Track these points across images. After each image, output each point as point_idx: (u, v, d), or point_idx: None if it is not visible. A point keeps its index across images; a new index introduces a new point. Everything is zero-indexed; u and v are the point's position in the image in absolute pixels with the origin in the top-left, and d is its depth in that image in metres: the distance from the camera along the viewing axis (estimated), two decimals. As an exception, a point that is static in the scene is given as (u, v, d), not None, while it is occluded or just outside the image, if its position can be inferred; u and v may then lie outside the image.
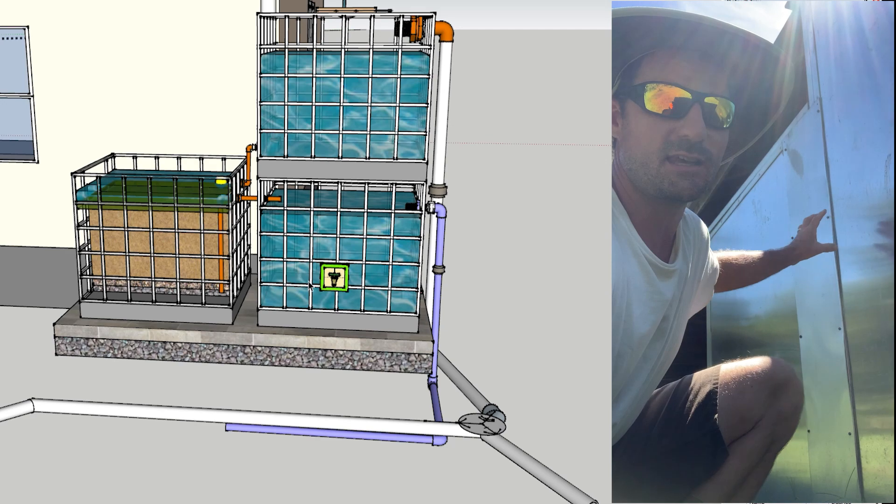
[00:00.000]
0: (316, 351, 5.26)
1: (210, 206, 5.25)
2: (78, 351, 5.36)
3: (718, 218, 6.57)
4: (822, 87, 4.21)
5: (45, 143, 6.08)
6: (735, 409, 2.46)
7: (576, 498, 3.78)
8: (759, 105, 2.42)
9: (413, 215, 5.18)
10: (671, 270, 2.44)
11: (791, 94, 2.59)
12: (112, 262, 5.48)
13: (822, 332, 4.04)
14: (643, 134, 2.24)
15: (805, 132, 4.44)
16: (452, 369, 5.22)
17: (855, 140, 3.76)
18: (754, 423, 2.46)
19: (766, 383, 2.46)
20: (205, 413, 4.52)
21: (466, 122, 16.58)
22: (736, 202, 5.98)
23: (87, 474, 4.01)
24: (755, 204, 5.54)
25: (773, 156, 5.13)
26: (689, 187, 2.24)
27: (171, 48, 5.88)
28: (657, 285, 2.38)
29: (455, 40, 4.94)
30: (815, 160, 4.25)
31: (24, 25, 5.89)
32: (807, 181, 4.40)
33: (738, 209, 5.93)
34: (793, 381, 2.48)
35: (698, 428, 2.47)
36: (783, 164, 4.82)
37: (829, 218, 3.95)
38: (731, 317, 6.02)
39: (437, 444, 4.35)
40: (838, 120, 3.99)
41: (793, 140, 4.66)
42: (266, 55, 5.00)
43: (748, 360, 2.58)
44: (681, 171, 2.22)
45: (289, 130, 5.08)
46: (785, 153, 4.79)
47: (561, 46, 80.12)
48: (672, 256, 2.48)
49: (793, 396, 2.47)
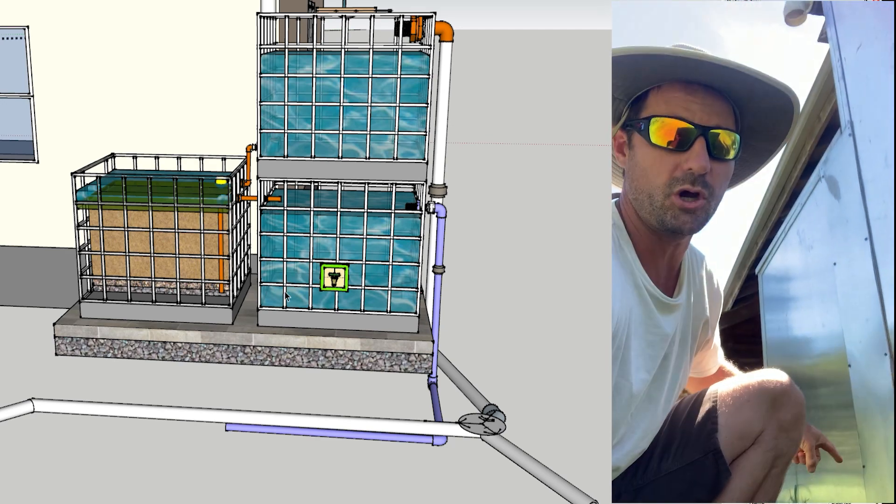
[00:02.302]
0: (316, 351, 5.26)
1: (210, 206, 5.25)
2: (78, 351, 5.36)
3: (768, 253, 6.62)
4: (853, 110, 4.24)
5: (45, 143, 6.08)
6: (734, 425, 2.42)
7: (576, 498, 3.78)
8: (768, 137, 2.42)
9: (413, 215, 5.18)
10: (674, 305, 2.43)
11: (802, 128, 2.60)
12: (112, 262, 5.48)
13: (869, 361, 4.00)
14: (649, 167, 2.28)
15: (840, 157, 4.49)
16: (452, 369, 5.22)
17: (885, 158, 3.80)
18: (755, 438, 2.42)
19: (764, 396, 2.42)
20: (205, 413, 4.51)
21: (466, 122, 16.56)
22: (782, 235, 6.02)
23: (87, 474, 4.01)
24: (799, 234, 5.60)
25: (812, 185, 5.21)
26: (690, 221, 2.27)
27: (171, 48, 5.88)
28: (656, 318, 2.37)
29: (455, 40, 4.93)
30: (850, 183, 4.28)
31: (24, 25, 5.89)
32: (844, 205, 4.42)
33: (785, 240, 5.98)
34: (791, 392, 2.44)
35: (699, 448, 2.44)
36: (822, 191, 4.85)
37: (868, 240, 3.93)
38: (787, 356, 6.01)
39: (437, 444, 4.35)
40: (869, 140, 4.04)
41: (829, 166, 4.71)
42: (266, 55, 5.00)
43: (744, 375, 2.55)
44: (683, 206, 2.25)
45: (289, 130, 5.08)
46: (823, 180, 4.83)
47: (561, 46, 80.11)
48: (676, 291, 2.48)
49: (793, 407, 2.43)
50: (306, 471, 4.08)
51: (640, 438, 2.42)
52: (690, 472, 2.45)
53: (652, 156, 2.28)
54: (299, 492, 3.90)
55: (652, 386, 2.39)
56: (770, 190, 6.22)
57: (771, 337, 6.52)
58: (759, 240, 7.01)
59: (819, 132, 5.15)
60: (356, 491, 3.92)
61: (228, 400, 4.79)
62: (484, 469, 4.12)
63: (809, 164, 5.37)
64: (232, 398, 4.83)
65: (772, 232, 6.60)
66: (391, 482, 4.00)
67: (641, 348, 2.32)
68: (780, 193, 6.20)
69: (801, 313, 5.65)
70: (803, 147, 5.46)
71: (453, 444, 4.37)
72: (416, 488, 3.95)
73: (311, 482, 3.98)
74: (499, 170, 13.59)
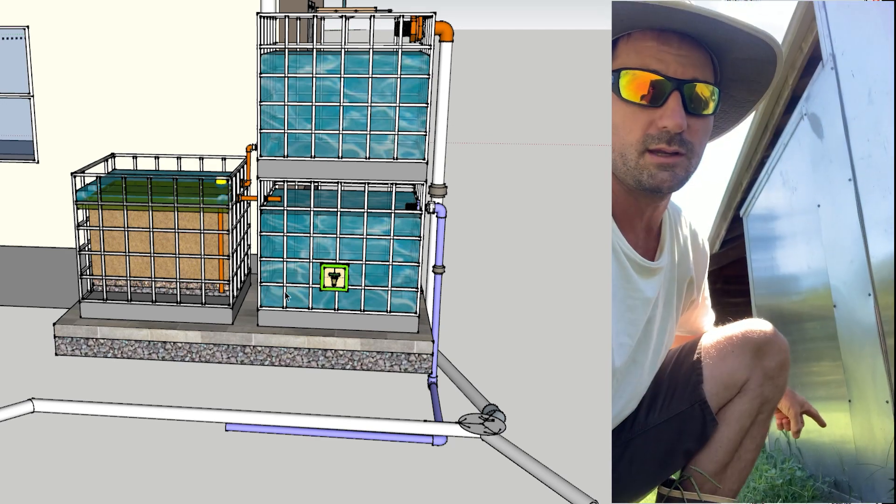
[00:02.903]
0: (316, 351, 5.26)
1: (210, 206, 5.25)
2: (78, 351, 5.36)
3: (752, 194, 6.52)
4: (835, 42, 4.09)
5: (45, 143, 6.08)
6: (719, 375, 2.42)
7: (576, 498, 3.78)
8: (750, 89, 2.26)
9: (413, 215, 5.18)
10: (655, 269, 2.36)
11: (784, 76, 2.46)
12: (112, 262, 5.48)
13: (854, 301, 4.00)
14: (620, 124, 2.14)
15: (822, 93, 4.34)
16: (452, 369, 5.22)
17: (870, 94, 3.67)
18: (740, 387, 2.42)
19: (748, 345, 2.42)
20: (205, 413, 4.51)
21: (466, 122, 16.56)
22: (766, 176, 5.91)
23: (87, 474, 4.01)
24: (783, 175, 5.47)
25: (794, 123, 5.04)
26: (668, 178, 2.14)
27: (171, 48, 5.88)
28: (636, 283, 2.31)
29: (455, 40, 4.93)
30: (833, 120, 4.15)
31: (24, 25, 5.89)
32: (827, 144, 4.31)
33: (769, 182, 5.86)
34: (775, 340, 2.42)
35: (685, 400, 2.44)
36: (804, 129, 4.72)
37: (852, 181, 3.87)
38: (775, 294, 5.97)
39: (437, 444, 4.35)
40: (852, 75, 3.89)
41: (811, 103, 4.56)
42: (266, 55, 5.00)
43: (727, 326, 2.54)
44: (660, 163, 2.12)
45: (289, 130, 5.08)
46: (805, 118, 4.69)
47: (561, 46, 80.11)
48: (658, 254, 2.41)
49: (777, 354, 2.42)
50: (306, 471, 4.08)
51: (627, 402, 2.42)
52: (678, 423, 2.45)
53: (623, 112, 2.12)
54: (299, 492, 3.90)
55: (637, 350, 2.37)
56: (752, 129, 6.03)
57: (758, 276, 6.52)
58: (743, 181, 6.84)
59: (801, 64, 4.84)
60: (356, 491, 3.92)
61: (228, 400, 4.79)
62: (484, 469, 4.12)
63: (792, 99, 5.07)
64: (232, 398, 4.83)
65: (756, 172, 6.46)
66: (391, 482, 4.00)
67: (621, 313, 2.28)
68: (762, 132, 5.96)
69: (786, 252, 5.62)
70: (785, 81, 5.11)
71: (453, 444, 4.37)
72: (416, 488, 3.95)
73: (311, 482, 3.98)
74: (499, 170, 13.59)
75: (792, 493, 4.45)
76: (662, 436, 2.47)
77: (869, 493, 4.00)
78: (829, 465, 4.58)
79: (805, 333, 5.05)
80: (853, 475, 4.22)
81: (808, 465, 4.90)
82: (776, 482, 4.55)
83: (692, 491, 2.47)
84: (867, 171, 3.75)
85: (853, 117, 3.89)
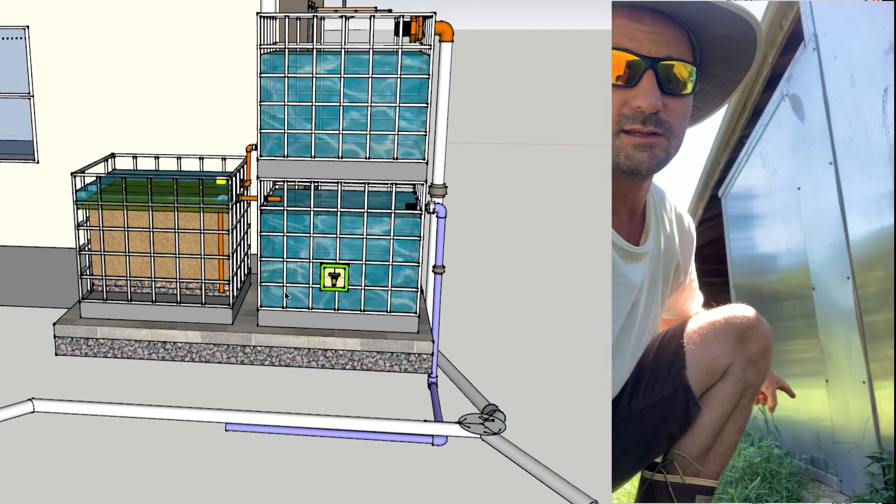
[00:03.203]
0: (316, 351, 5.26)
1: (210, 206, 5.25)
2: (78, 351, 5.36)
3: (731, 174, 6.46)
4: (817, 22, 4.05)
5: (45, 143, 6.08)
6: (702, 361, 2.42)
7: (576, 498, 3.78)
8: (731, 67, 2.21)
9: (413, 215, 5.18)
10: (640, 254, 2.36)
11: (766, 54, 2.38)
12: (112, 262, 5.48)
13: (832, 283, 4.01)
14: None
15: (803, 74, 4.30)
16: (452, 369, 5.22)
17: (851, 76, 3.64)
18: (723, 372, 2.42)
19: (731, 331, 2.41)
20: (205, 413, 4.51)
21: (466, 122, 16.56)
22: (745, 156, 5.86)
23: (87, 474, 4.01)
24: (763, 156, 5.43)
25: (775, 103, 4.99)
26: (646, 160, 2.10)
27: (171, 48, 5.88)
28: (620, 268, 2.30)
29: (455, 40, 4.93)
30: (814, 102, 4.11)
31: (24, 25, 5.89)
32: (808, 126, 4.27)
33: (748, 163, 5.81)
34: (757, 325, 2.43)
35: (668, 385, 2.45)
36: (785, 110, 4.67)
37: (832, 164, 3.85)
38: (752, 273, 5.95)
39: (437, 444, 4.35)
40: (834, 56, 3.85)
41: (792, 84, 4.51)
42: (266, 55, 5.00)
43: (710, 312, 2.54)
44: (636, 143, 2.08)
45: (289, 130, 5.08)
46: (786, 99, 4.65)
47: (561, 46, 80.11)
48: (643, 238, 2.40)
49: (760, 340, 2.42)
50: (306, 471, 4.08)
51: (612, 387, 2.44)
52: (661, 408, 2.46)
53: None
54: (299, 492, 3.90)
55: (620, 335, 2.37)
56: (731, 107, 5.95)
57: (736, 255, 6.51)
58: (720, 159, 6.75)
59: (781, 42, 4.77)
60: (356, 491, 3.92)
61: (228, 400, 4.79)
62: (484, 469, 4.12)
63: (772, 77, 5.01)
64: (232, 398, 4.83)
65: (734, 151, 6.39)
66: (391, 482, 4.00)
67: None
68: (741, 110, 5.87)
69: (764, 231, 5.60)
70: (764, 59, 5.04)
71: (453, 444, 4.37)
72: (416, 488, 3.95)
73: (311, 482, 3.98)
74: (499, 170, 13.59)
75: (769, 471, 4.49)
76: (646, 420, 2.48)
77: (845, 471, 4.03)
78: (805, 442, 4.61)
79: (782, 312, 5.07)
80: (829, 453, 4.25)
81: (785, 443, 4.93)
82: (754, 460, 4.61)
83: (675, 474, 2.49)
84: (848, 154, 3.72)
85: (834, 99, 3.84)
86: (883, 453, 3.48)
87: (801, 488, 4.34)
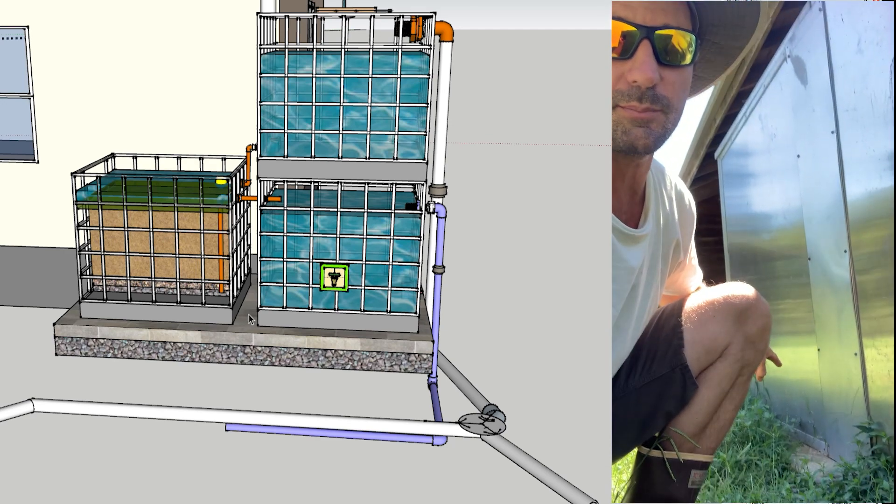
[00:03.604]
0: (316, 351, 5.26)
1: (210, 206, 5.25)
2: (78, 351, 5.36)
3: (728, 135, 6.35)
4: None
5: (45, 143, 6.08)
6: (700, 340, 2.42)
7: (576, 498, 3.78)
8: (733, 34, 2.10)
9: (413, 215, 5.18)
10: (639, 237, 2.32)
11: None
12: (112, 262, 5.48)
13: (828, 255, 3.97)
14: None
15: (808, 35, 4.11)
16: (452, 369, 5.22)
17: (859, 42, 3.52)
18: (721, 351, 2.42)
19: (729, 311, 2.41)
20: (205, 413, 4.51)
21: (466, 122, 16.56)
22: (744, 118, 5.74)
23: (87, 474, 4.01)
24: (762, 119, 5.32)
25: (776, 64, 4.85)
26: (643, 136, 2.02)
27: (171, 48, 5.88)
28: (620, 252, 2.28)
29: (455, 40, 4.93)
30: (818, 65, 3.94)
31: (24, 25, 5.89)
32: (811, 91, 4.12)
33: (746, 125, 5.69)
34: (756, 305, 2.42)
35: (666, 364, 2.45)
36: (787, 72, 4.51)
37: (835, 133, 3.77)
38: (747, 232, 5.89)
39: (437, 444, 4.35)
40: (841, 19, 3.70)
41: (795, 45, 4.34)
42: (266, 55, 5.00)
43: (709, 290, 2.53)
44: (633, 118, 2.00)
45: (289, 130, 5.08)
46: (788, 60, 4.50)
47: (561, 46, 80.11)
48: (642, 220, 2.36)
49: (758, 319, 2.42)
50: (306, 471, 4.08)
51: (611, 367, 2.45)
52: (658, 386, 2.47)
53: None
54: (299, 492, 3.90)
55: (620, 317, 2.37)
56: None
57: (730, 214, 6.42)
58: (716, 116, 6.57)
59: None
60: (356, 491, 3.92)
61: (228, 400, 4.79)
62: (484, 469, 4.12)
63: (772, 32, 4.82)
64: (232, 398, 4.83)
65: (731, 108, 6.26)
66: (391, 482, 4.00)
67: None
68: (739, 66, 5.78)
69: (760, 189, 5.51)
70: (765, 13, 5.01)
71: (453, 444, 4.37)
72: (416, 488, 3.95)
73: (311, 482, 3.98)
74: (499, 170, 13.59)
75: (759, 434, 4.51)
76: (643, 398, 2.48)
77: (833, 437, 4.02)
78: (795, 407, 4.59)
79: (774, 271, 5.03)
80: (818, 418, 4.24)
81: (774, 407, 4.91)
82: (745, 423, 4.62)
83: (671, 451, 2.50)
84: (851, 124, 3.62)
85: (840, 65, 3.71)
86: (872, 423, 3.49)
87: (790, 452, 4.36)
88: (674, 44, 1.97)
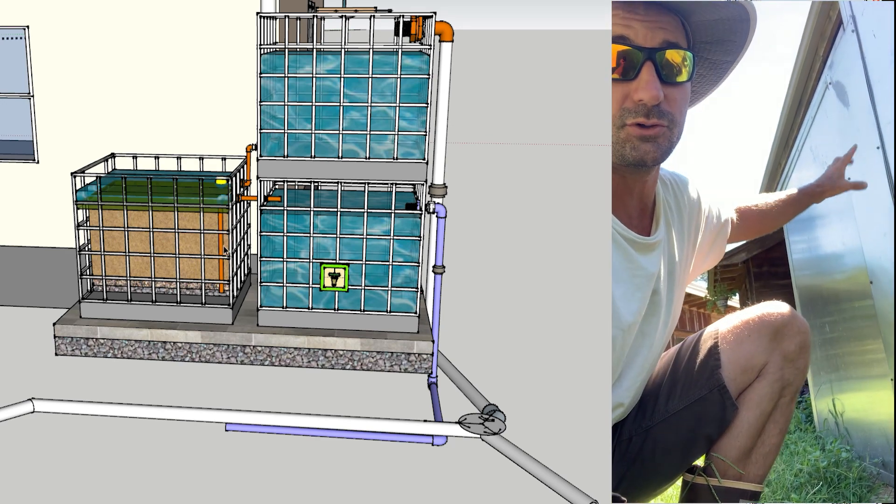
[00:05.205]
0: (316, 351, 5.26)
1: (210, 206, 5.25)
2: (78, 351, 5.36)
3: (784, 175, 6.30)
4: (854, 2, 3.91)
5: (45, 143, 6.08)
6: (736, 360, 2.40)
7: (576, 498, 3.78)
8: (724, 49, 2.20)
9: (413, 215, 5.18)
10: (652, 244, 2.35)
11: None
12: (112, 262, 5.48)
13: (890, 275, 3.89)
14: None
15: (844, 58, 4.10)
16: (452, 369, 5.22)
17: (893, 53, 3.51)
18: (759, 371, 2.40)
19: (765, 329, 2.39)
20: (205, 413, 4.51)
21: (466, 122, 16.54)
22: (797, 153, 5.70)
23: (87, 474, 4.00)
24: (813, 151, 5.28)
25: (819, 94, 4.83)
26: (652, 150, 2.10)
27: (171, 48, 5.88)
28: (637, 260, 2.30)
29: (455, 40, 4.93)
30: (857, 86, 3.90)
31: (24, 25, 5.89)
32: (854, 112, 4.10)
33: (800, 161, 5.66)
34: (793, 322, 2.39)
35: (704, 385, 2.43)
36: (830, 99, 4.50)
37: (880, 148, 3.74)
38: (813, 274, 5.81)
39: (437, 444, 4.35)
40: (873, 35, 3.70)
41: (834, 71, 4.34)
42: (266, 55, 5.00)
43: (746, 310, 2.51)
44: (641, 135, 2.09)
45: (289, 130, 5.08)
46: (830, 87, 4.49)
47: (561, 46, 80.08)
48: (653, 228, 2.39)
49: (795, 336, 2.38)
50: (306, 471, 4.08)
51: (638, 372, 2.41)
52: (697, 409, 2.43)
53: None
54: (299, 492, 3.90)
55: (644, 322, 2.36)
56: (787, 106, 5.68)
57: (797, 258, 6.34)
58: (781, 161, 6.49)
59: (831, 33, 4.58)
60: (356, 491, 3.92)
61: (228, 400, 4.79)
62: (484, 469, 4.12)
63: (823, 70, 4.85)
64: (232, 398, 4.83)
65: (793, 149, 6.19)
66: (391, 482, 4.00)
67: (630, 292, 2.28)
68: (797, 109, 5.60)
69: (822, 231, 5.46)
70: (816, 52, 4.84)
71: (453, 444, 4.37)
72: (416, 488, 3.95)
73: (311, 482, 3.98)
74: (499, 170, 13.59)
75: (837, 475, 4.35)
76: (682, 422, 2.45)
77: None
78: (876, 445, 4.45)
79: (845, 313, 4.95)
80: None
81: (856, 446, 4.80)
82: (820, 464, 4.48)
83: (715, 477, 2.46)
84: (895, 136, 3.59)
85: (877, 80, 3.68)
86: None
87: (872, 493, 4.20)
88: (673, 62, 2.06)
